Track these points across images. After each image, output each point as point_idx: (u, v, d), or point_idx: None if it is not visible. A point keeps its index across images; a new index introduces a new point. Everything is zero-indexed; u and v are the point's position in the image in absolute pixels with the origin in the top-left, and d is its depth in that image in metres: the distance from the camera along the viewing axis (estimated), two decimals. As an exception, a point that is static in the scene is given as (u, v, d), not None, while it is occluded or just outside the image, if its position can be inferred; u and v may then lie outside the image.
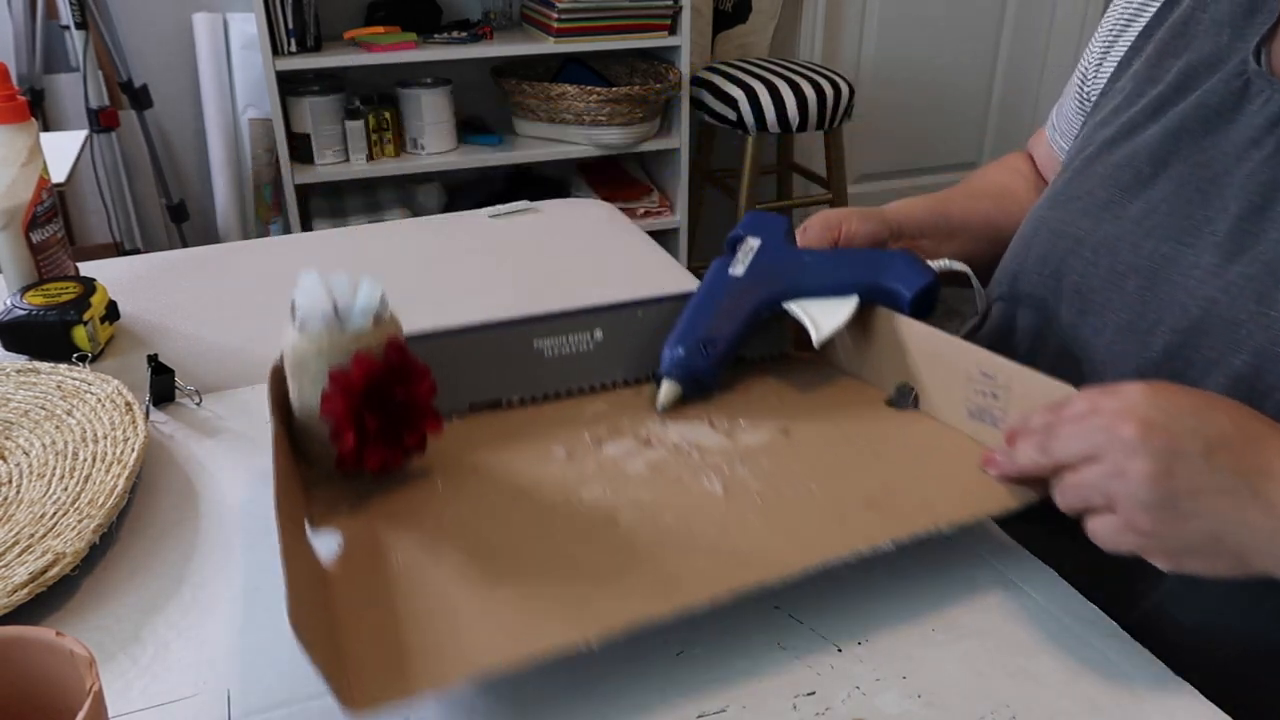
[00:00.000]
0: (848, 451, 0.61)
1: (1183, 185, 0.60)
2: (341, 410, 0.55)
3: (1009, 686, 0.49)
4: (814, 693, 0.48)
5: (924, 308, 0.67)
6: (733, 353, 0.68)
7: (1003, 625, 0.53)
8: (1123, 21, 0.72)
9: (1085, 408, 0.50)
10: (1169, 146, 0.62)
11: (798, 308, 0.68)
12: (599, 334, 0.69)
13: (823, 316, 0.67)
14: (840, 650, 0.51)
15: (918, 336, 0.65)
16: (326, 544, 0.54)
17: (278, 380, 0.61)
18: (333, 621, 0.48)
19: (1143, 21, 0.70)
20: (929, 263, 0.69)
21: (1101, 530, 0.48)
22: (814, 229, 0.72)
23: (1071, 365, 0.65)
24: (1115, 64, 0.71)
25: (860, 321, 0.69)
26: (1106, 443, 0.47)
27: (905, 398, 0.67)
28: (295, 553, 0.47)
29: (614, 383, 0.70)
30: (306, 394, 0.57)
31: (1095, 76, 0.74)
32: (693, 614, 0.47)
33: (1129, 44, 0.70)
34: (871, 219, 0.73)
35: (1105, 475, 0.47)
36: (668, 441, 0.63)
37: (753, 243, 0.71)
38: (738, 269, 0.70)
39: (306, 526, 0.54)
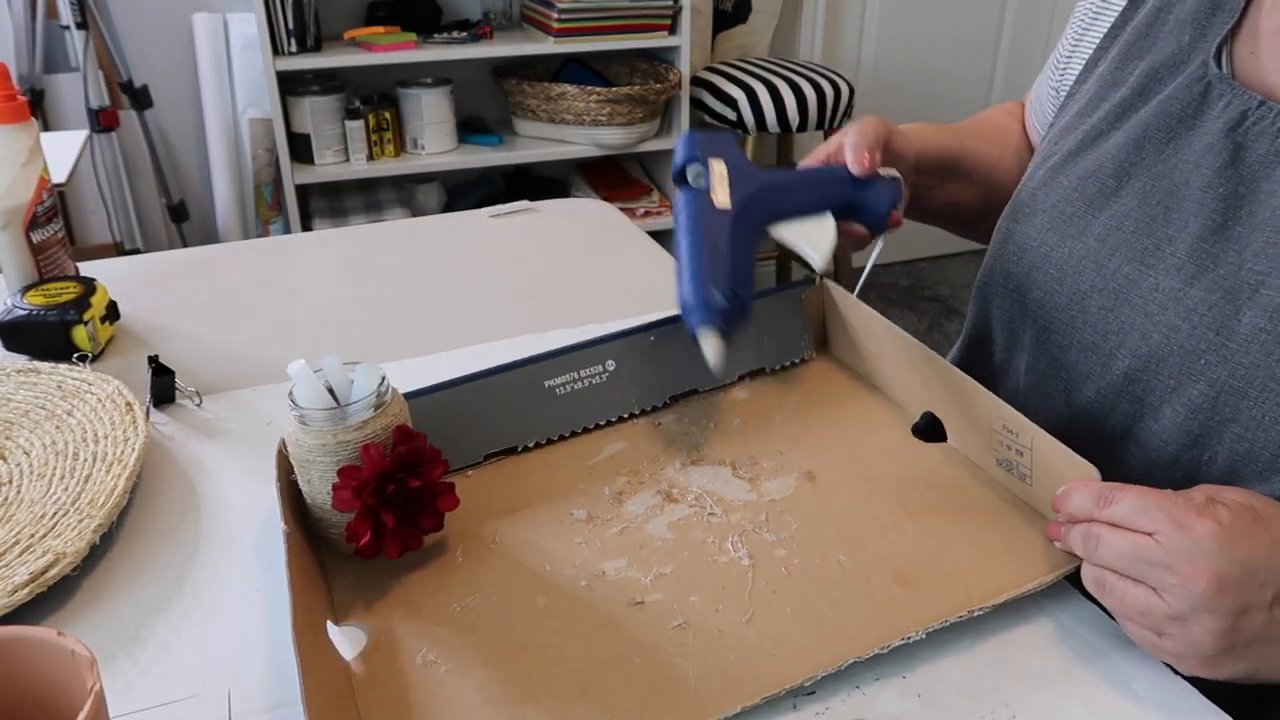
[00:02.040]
0: (876, 505, 0.59)
1: (1145, 199, 0.59)
2: (356, 508, 0.53)
3: (1009, 686, 0.49)
4: (814, 692, 0.48)
5: (887, 220, 0.68)
6: (752, 290, 0.65)
7: (1003, 625, 0.53)
8: (1087, 18, 0.71)
9: (1145, 523, 0.46)
10: (1132, 157, 0.61)
11: (788, 234, 0.67)
12: (611, 365, 0.67)
13: (814, 241, 0.66)
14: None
15: (944, 372, 0.63)
16: (351, 639, 0.52)
17: (284, 463, 0.58)
18: None
19: (1108, 20, 0.69)
20: (881, 173, 0.69)
21: (1145, 643, 0.48)
22: (860, 141, 0.68)
23: (1038, 382, 0.65)
24: (1082, 64, 0.70)
25: (883, 344, 0.68)
26: (1174, 588, 0.45)
27: (931, 428, 0.66)
28: (313, 667, 0.45)
29: (630, 414, 0.68)
30: (316, 486, 0.55)
31: (1065, 72, 0.73)
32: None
33: (1094, 44, 0.69)
34: (906, 152, 0.71)
35: (1166, 615, 0.45)
36: (689, 493, 0.61)
37: (719, 167, 0.67)
38: (720, 198, 0.65)
39: (329, 625, 0.52)
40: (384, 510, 0.53)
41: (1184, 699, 0.48)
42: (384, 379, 0.56)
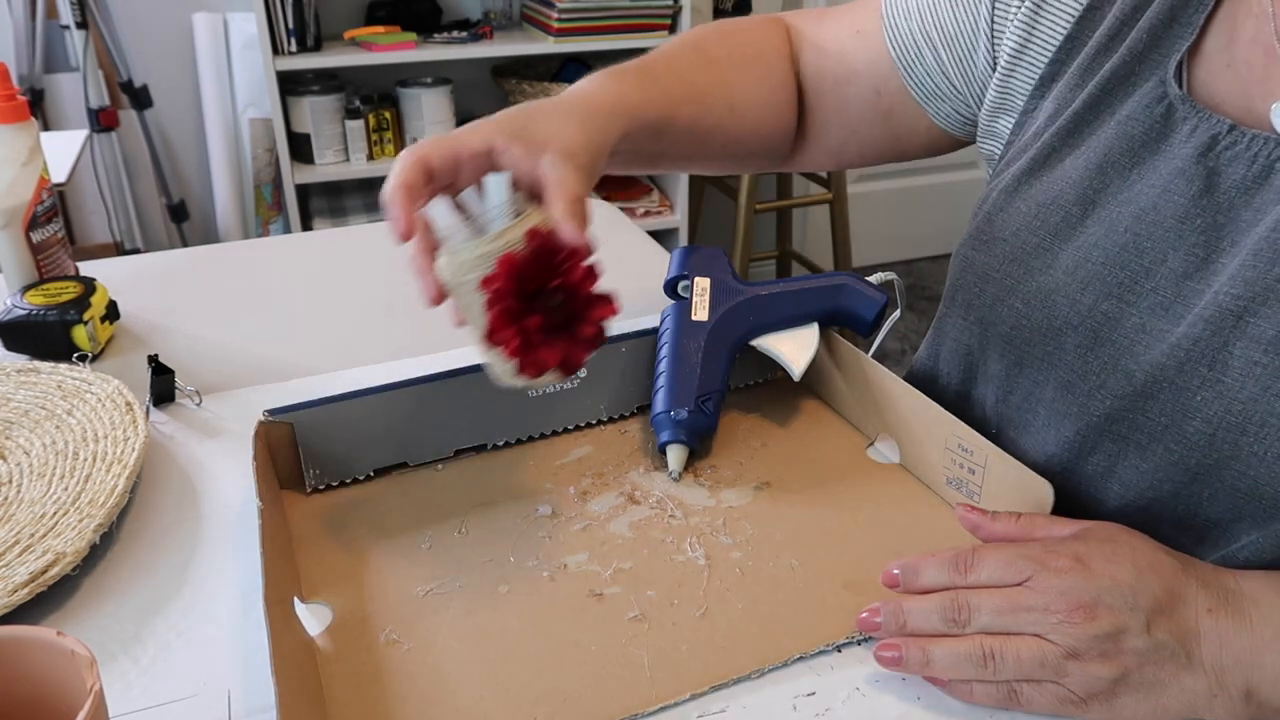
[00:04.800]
0: (829, 516, 0.61)
1: (1112, 228, 0.57)
2: (497, 316, 0.51)
3: (1009, 687, 0.49)
4: (814, 693, 0.49)
5: (878, 325, 0.70)
6: (724, 398, 0.68)
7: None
8: (1023, 28, 0.64)
9: (1014, 575, 0.47)
10: (1096, 183, 0.58)
11: (769, 345, 0.69)
12: (582, 372, 0.69)
13: (794, 351, 0.68)
14: (840, 651, 0.51)
15: (900, 393, 0.65)
16: (317, 616, 0.53)
17: (260, 442, 0.60)
18: (323, 703, 0.48)
19: (1050, 31, 0.63)
20: (870, 280, 0.71)
21: (1039, 702, 0.46)
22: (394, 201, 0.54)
23: (1009, 418, 0.63)
24: (1032, 82, 0.65)
25: (845, 366, 0.70)
26: (1058, 626, 0.45)
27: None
28: (281, 639, 0.47)
29: (598, 420, 0.70)
30: (473, 315, 0.53)
31: (1006, 90, 0.66)
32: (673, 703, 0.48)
33: (1045, 57, 0.64)
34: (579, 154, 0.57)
35: (1063, 656, 0.45)
36: (651, 496, 0.63)
37: (702, 283, 0.71)
38: (700, 314, 0.69)
39: (297, 602, 0.53)
40: (528, 315, 0.51)
41: (1184, 699, 0.48)
42: (510, 187, 0.53)
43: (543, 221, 0.52)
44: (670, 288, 0.72)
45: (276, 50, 2.09)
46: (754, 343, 0.70)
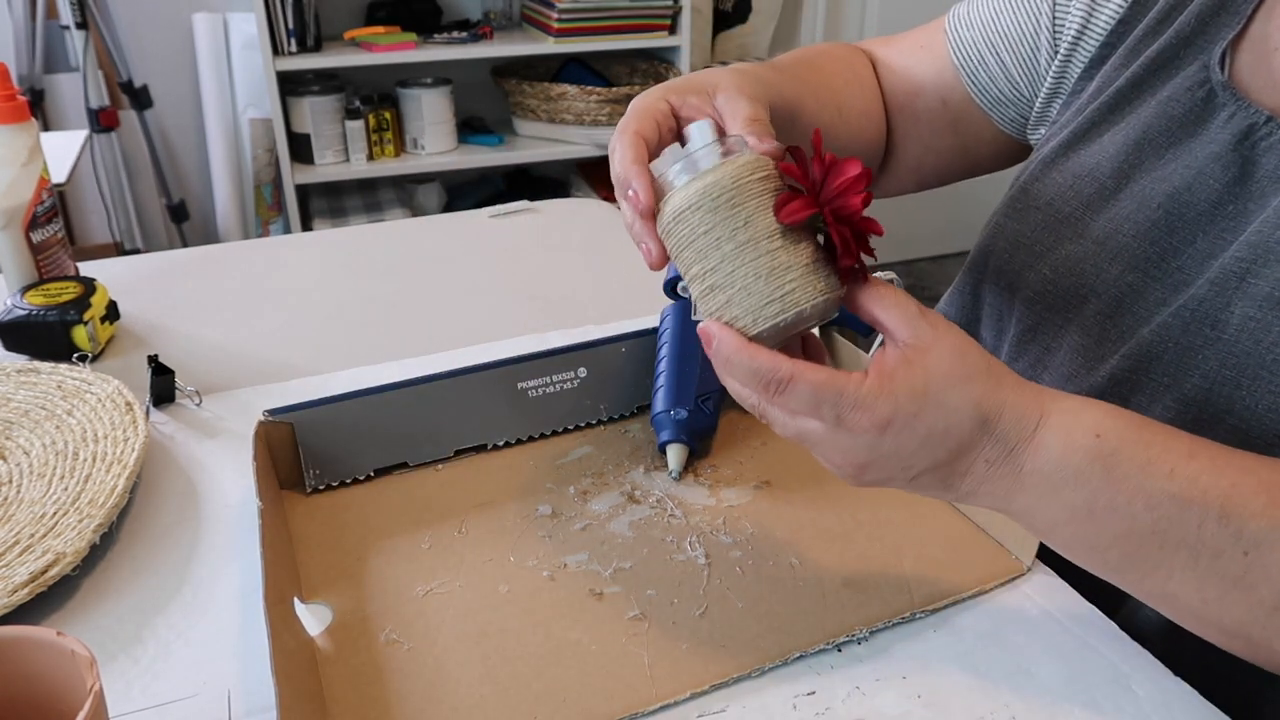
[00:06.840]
0: (828, 514, 0.61)
1: (1144, 203, 0.58)
2: (810, 212, 0.47)
3: (1009, 687, 0.49)
4: (814, 693, 0.49)
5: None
6: (724, 398, 0.68)
7: (1003, 625, 0.53)
8: (1080, 17, 0.67)
9: (814, 414, 0.45)
10: (1132, 158, 0.60)
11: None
12: (582, 371, 0.69)
13: None
14: (840, 650, 0.51)
15: None
16: (317, 616, 0.53)
17: (260, 443, 0.60)
18: (323, 703, 0.48)
19: (1104, 19, 0.65)
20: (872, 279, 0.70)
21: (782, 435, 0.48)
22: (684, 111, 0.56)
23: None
24: (1082, 65, 0.67)
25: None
26: (826, 460, 0.47)
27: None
28: (281, 640, 0.47)
29: (598, 420, 0.70)
30: (755, 222, 0.46)
31: (1062, 78, 0.69)
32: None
33: (1096, 43, 0.66)
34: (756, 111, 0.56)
35: (818, 452, 0.47)
36: (651, 495, 0.63)
37: None
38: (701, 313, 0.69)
39: (297, 602, 0.53)
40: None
41: (1184, 699, 0.48)
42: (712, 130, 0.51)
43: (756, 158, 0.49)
44: (670, 288, 0.72)
45: (276, 50, 2.09)
46: None
